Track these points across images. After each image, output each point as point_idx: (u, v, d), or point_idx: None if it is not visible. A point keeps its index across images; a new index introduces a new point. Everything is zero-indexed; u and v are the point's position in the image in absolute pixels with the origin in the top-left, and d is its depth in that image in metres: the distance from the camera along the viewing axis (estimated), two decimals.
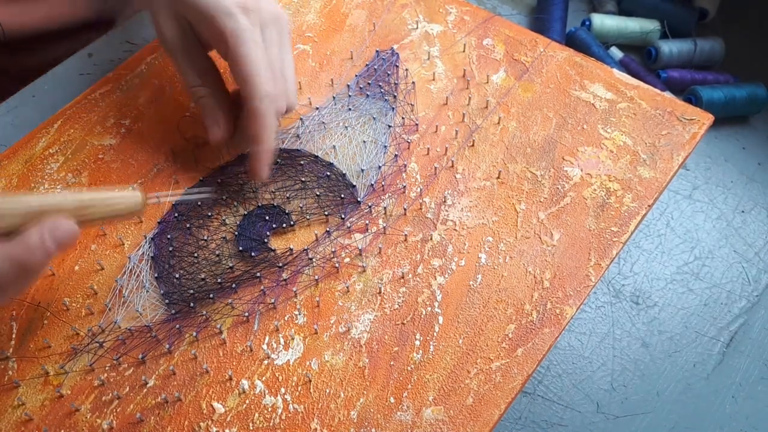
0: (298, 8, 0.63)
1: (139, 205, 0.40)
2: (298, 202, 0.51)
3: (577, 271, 0.47)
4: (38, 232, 0.36)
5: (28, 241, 0.36)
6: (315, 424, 0.42)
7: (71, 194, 0.38)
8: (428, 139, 0.54)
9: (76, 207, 0.38)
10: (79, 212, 0.38)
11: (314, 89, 0.57)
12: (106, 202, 0.39)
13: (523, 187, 0.51)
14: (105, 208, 0.39)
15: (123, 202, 0.39)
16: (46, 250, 0.36)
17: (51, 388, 0.43)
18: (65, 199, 0.37)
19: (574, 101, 0.56)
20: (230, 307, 0.46)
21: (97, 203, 0.38)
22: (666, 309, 0.56)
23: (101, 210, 0.39)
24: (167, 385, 0.43)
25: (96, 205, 0.38)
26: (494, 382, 0.43)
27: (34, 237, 0.36)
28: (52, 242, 0.36)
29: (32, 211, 0.36)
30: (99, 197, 0.39)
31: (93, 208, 0.38)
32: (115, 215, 0.40)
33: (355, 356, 0.44)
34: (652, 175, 0.51)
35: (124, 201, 0.39)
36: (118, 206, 0.39)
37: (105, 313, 0.46)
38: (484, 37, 0.60)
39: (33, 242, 0.36)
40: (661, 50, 0.70)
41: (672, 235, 0.59)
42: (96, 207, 0.38)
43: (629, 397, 0.52)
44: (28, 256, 0.36)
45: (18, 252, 0.36)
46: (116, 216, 0.40)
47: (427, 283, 0.47)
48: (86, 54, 0.64)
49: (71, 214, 0.38)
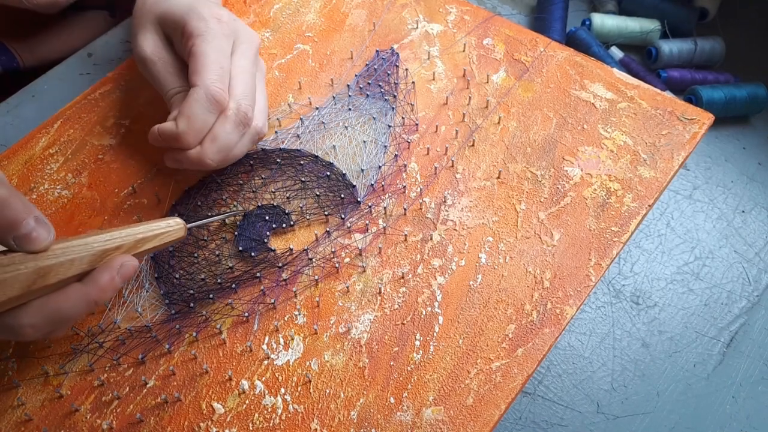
0: (298, 8, 0.63)
1: (183, 232, 0.44)
2: (298, 202, 0.51)
3: (578, 271, 0.47)
4: (109, 273, 0.39)
5: (100, 282, 0.39)
6: (315, 424, 0.42)
7: (125, 231, 0.41)
8: (428, 139, 0.54)
9: (134, 243, 0.41)
10: (135, 248, 0.41)
11: (314, 89, 0.57)
12: (157, 235, 0.42)
13: (524, 187, 0.51)
14: (156, 241, 0.42)
15: (171, 235, 0.43)
16: (115, 287, 0.40)
17: (51, 389, 0.43)
18: (122, 237, 0.40)
19: (574, 101, 0.55)
20: (230, 307, 0.46)
21: (149, 237, 0.42)
22: (666, 309, 0.55)
23: (153, 243, 0.42)
24: (167, 386, 0.43)
25: (148, 238, 0.42)
26: (494, 382, 0.43)
27: (106, 277, 0.39)
28: (120, 280, 0.40)
29: (98, 254, 0.39)
30: (151, 232, 0.42)
31: (146, 242, 0.42)
32: (163, 246, 0.43)
33: (355, 356, 0.44)
34: (652, 175, 0.51)
35: (171, 233, 0.43)
36: (167, 238, 0.43)
37: (105, 313, 0.46)
38: (485, 36, 0.60)
39: (105, 283, 0.39)
40: (661, 50, 0.70)
41: (672, 235, 0.59)
42: (149, 241, 0.42)
43: (629, 397, 0.52)
44: (101, 295, 0.39)
45: (93, 293, 0.39)
46: (165, 246, 0.43)
47: (427, 283, 0.47)
48: (86, 54, 0.64)
49: (129, 249, 0.41)
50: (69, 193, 0.52)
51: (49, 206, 0.51)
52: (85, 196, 0.52)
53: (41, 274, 0.37)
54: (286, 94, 0.57)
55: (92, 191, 0.52)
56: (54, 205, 0.51)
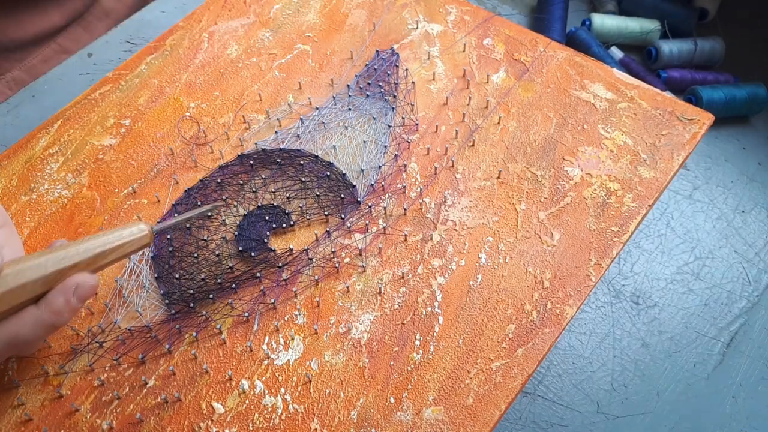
0: (298, 8, 0.63)
1: (148, 240, 0.41)
2: (298, 202, 0.51)
3: (578, 271, 0.47)
4: (63, 295, 0.38)
5: (55, 305, 0.38)
6: (315, 424, 0.42)
7: (83, 245, 0.38)
8: (428, 139, 0.54)
9: (91, 259, 0.39)
10: (95, 263, 0.39)
11: (314, 89, 0.57)
12: (116, 246, 0.39)
13: (524, 187, 0.51)
14: (117, 253, 0.40)
15: (133, 244, 0.40)
16: (72, 309, 0.38)
17: (51, 388, 0.43)
18: (79, 253, 0.38)
19: (574, 101, 0.55)
20: (230, 307, 0.46)
21: (107, 250, 0.39)
22: (666, 309, 0.55)
23: (114, 255, 0.40)
24: (167, 386, 0.43)
25: (106, 252, 0.39)
26: (494, 382, 0.43)
27: (60, 300, 0.38)
28: (76, 301, 0.38)
29: (51, 276, 0.37)
30: (110, 244, 0.39)
31: (106, 256, 0.39)
32: (128, 255, 0.41)
33: (355, 356, 0.44)
34: (652, 175, 0.51)
35: (133, 241, 0.40)
36: (129, 248, 0.40)
37: (105, 313, 0.46)
38: (485, 36, 0.60)
39: (60, 306, 0.38)
40: (661, 50, 0.70)
41: (672, 235, 0.59)
42: (108, 254, 0.39)
43: (629, 398, 0.52)
44: (57, 318, 0.38)
45: (47, 317, 0.38)
46: (130, 255, 0.41)
47: (427, 283, 0.47)
48: (86, 54, 0.64)
49: (87, 266, 0.39)
50: (69, 193, 0.52)
51: (49, 206, 0.51)
52: (85, 196, 0.52)
53: None
54: (286, 94, 0.57)
55: (92, 191, 0.52)
56: (54, 205, 0.51)
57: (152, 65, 0.59)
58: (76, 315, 0.46)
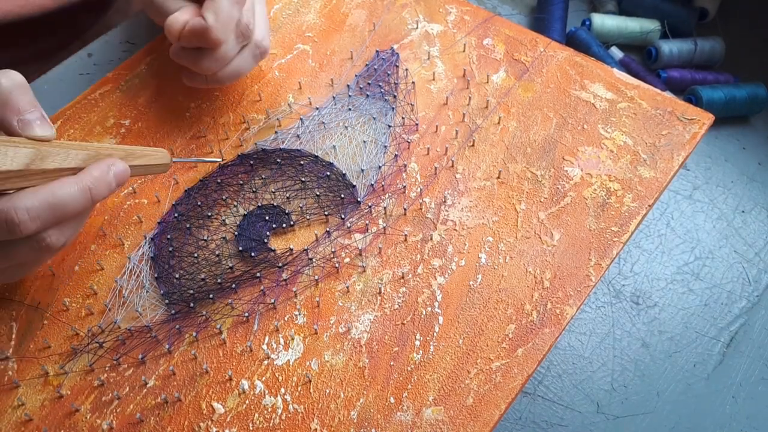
0: (298, 8, 0.63)
1: (168, 160, 0.46)
2: (298, 202, 0.51)
3: (578, 271, 0.47)
4: (102, 166, 0.41)
5: (94, 172, 0.40)
6: (315, 424, 0.42)
7: (116, 146, 0.43)
8: (428, 139, 0.54)
9: (124, 155, 0.43)
10: (126, 160, 0.43)
11: (314, 89, 0.57)
12: (145, 154, 0.44)
13: (523, 187, 0.51)
14: (143, 160, 0.44)
15: (156, 158, 0.45)
16: (108, 182, 0.41)
17: (51, 389, 0.43)
18: (113, 148, 0.43)
19: (574, 101, 0.55)
20: (230, 307, 0.46)
21: (137, 154, 0.43)
22: (666, 309, 0.55)
23: (140, 161, 0.44)
24: (167, 386, 0.43)
25: (137, 155, 0.43)
26: (494, 382, 0.43)
27: (101, 168, 0.40)
28: (113, 177, 0.41)
29: (92, 154, 0.41)
30: (140, 150, 0.44)
31: (135, 158, 0.43)
32: (149, 167, 0.45)
33: (355, 356, 0.44)
34: (652, 175, 0.51)
35: (156, 156, 0.45)
36: (152, 158, 0.45)
37: (105, 313, 0.46)
38: (484, 36, 0.60)
39: (100, 173, 0.40)
40: (661, 50, 0.70)
41: (672, 235, 0.59)
42: (137, 157, 0.43)
43: (629, 398, 0.52)
44: (95, 184, 0.40)
45: (88, 180, 0.40)
46: (150, 169, 0.45)
47: (427, 283, 0.47)
48: (86, 54, 0.64)
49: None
50: None
51: None
52: None
53: (40, 156, 0.38)
54: (286, 94, 0.57)
55: None
56: None
57: (152, 65, 0.59)
58: (76, 314, 0.46)
